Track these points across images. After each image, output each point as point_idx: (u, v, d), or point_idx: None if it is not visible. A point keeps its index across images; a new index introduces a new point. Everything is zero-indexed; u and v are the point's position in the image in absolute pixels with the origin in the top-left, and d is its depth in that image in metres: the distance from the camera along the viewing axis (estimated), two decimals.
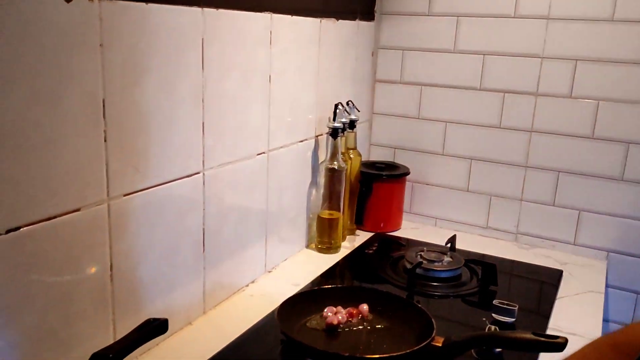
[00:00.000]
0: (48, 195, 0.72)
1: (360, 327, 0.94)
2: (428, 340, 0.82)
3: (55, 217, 0.74)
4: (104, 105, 0.78)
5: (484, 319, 1.06)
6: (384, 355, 0.78)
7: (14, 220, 0.68)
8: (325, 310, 0.95)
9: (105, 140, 0.79)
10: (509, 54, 1.44)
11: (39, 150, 0.70)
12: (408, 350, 0.80)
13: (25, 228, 0.70)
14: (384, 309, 0.97)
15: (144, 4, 0.82)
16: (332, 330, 0.92)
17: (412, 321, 0.92)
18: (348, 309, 0.95)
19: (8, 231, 0.68)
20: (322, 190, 1.36)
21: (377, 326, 0.94)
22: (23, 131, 0.67)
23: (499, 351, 0.94)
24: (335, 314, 0.93)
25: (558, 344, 0.76)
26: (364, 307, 0.96)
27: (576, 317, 1.12)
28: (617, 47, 1.33)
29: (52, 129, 0.71)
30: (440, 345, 0.82)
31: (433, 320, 0.87)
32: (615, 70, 1.34)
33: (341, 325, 0.93)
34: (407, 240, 1.47)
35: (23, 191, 0.69)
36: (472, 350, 0.90)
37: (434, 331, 0.84)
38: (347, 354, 0.80)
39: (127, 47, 0.80)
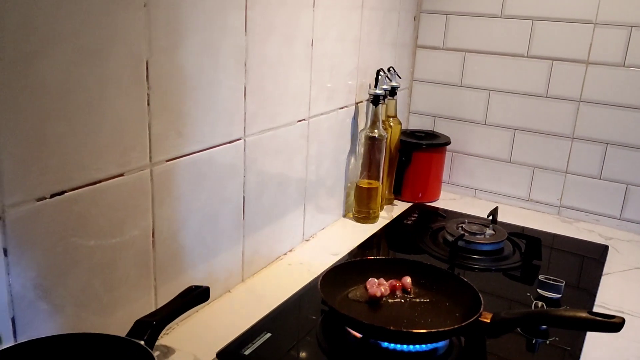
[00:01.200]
0: (92, 159, 0.71)
1: (403, 300, 0.92)
2: (476, 316, 0.79)
3: (99, 181, 0.72)
4: (147, 67, 0.75)
5: (528, 294, 1.04)
6: (432, 330, 0.76)
7: (58, 184, 0.67)
8: (368, 281, 0.93)
9: (148, 104, 0.77)
10: (559, 19, 1.37)
11: (84, 111, 0.68)
12: (456, 326, 0.77)
13: (69, 192, 0.69)
14: (428, 282, 0.94)
15: None
16: (374, 302, 0.90)
17: (457, 295, 0.89)
18: (391, 281, 0.93)
19: (53, 195, 0.67)
20: (361, 159, 1.33)
21: (420, 299, 0.92)
22: (68, 91, 0.66)
23: (544, 327, 0.91)
24: (378, 286, 0.91)
25: (615, 324, 0.73)
26: (407, 279, 0.93)
27: (624, 294, 1.09)
28: None
29: (97, 90, 0.69)
30: (488, 321, 0.80)
31: (480, 295, 0.85)
32: None
33: (384, 298, 0.91)
34: (447, 211, 1.43)
35: (67, 154, 0.67)
36: None
37: (482, 306, 0.82)
38: (392, 328, 0.78)
39: (171, 7, 0.77)
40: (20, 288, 0.65)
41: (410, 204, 1.47)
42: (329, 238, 1.26)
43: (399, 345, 0.80)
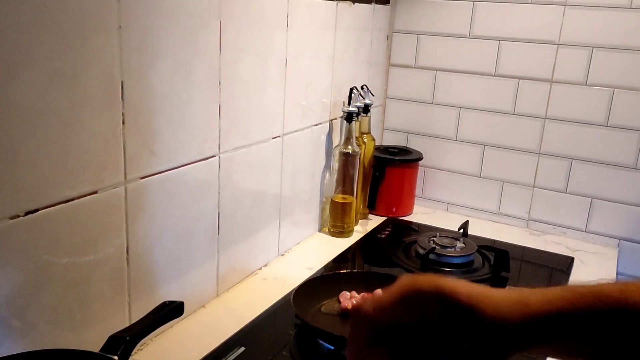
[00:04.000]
0: (66, 177, 0.72)
1: None
2: None
3: (72, 199, 0.74)
4: (122, 87, 0.77)
5: None
6: None
7: (32, 202, 0.68)
8: (341, 295, 0.95)
9: (123, 123, 0.79)
10: (524, 40, 1.42)
11: (58, 132, 0.70)
12: None
13: (43, 210, 0.70)
14: None
15: None
16: (347, 315, 0.92)
17: None
18: (363, 294, 0.95)
19: (27, 213, 0.68)
20: (335, 175, 1.35)
21: None
22: (42, 113, 0.67)
23: None
24: (350, 299, 0.93)
25: None
26: (379, 292, 0.96)
27: None
28: (634, 35, 1.31)
29: (71, 111, 0.71)
30: None
31: None
32: (631, 58, 1.32)
33: None
34: (419, 225, 1.46)
35: (42, 174, 0.69)
36: None
37: None
38: None
39: (144, 29, 0.79)
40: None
41: (384, 218, 1.50)
42: (304, 253, 1.28)
43: None
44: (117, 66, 0.76)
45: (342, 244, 1.32)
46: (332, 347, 0.84)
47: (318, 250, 1.29)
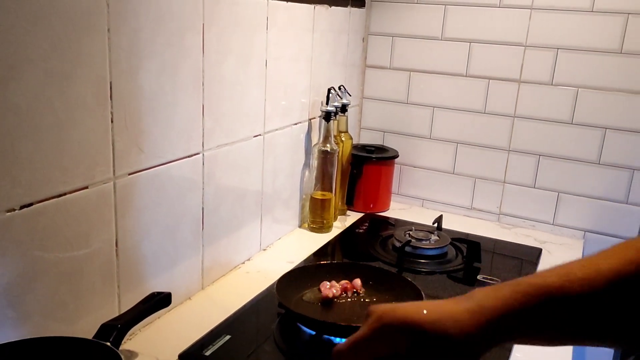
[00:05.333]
0: (59, 173, 0.76)
1: (354, 300, 0.99)
2: None
3: (65, 194, 0.77)
4: (111, 88, 0.81)
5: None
6: None
7: (27, 196, 0.72)
8: (321, 284, 1.00)
9: (112, 121, 0.82)
10: (493, 42, 1.49)
11: (52, 130, 0.73)
12: None
13: (37, 204, 0.73)
14: (376, 283, 1.02)
15: None
16: (327, 302, 0.97)
17: (402, 294, 0.97)
18: (342, 282, 1.00)
19: (22, 207, 0.71)
20: (314, 172, 1.40)
21: (369, 299, 0.99)
22: (38, 112, 0.71)
23: None
24: (330, 288, 0.98)
25: None
26: (357, 281, 1.01)
27: None
28: (596, 37, 1.38)
29: (64, 110, 0.74)
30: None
31: (422, 292, 0.93)
32: (593, 59, 1.40)
33: (336, 299, 0.98)
34: (396, 220, 1.52)
35: (36, 169, 0.72)
36: None
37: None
38: (342, 324, 0.85)
39: (132, 31, 0.83)
40: None
41: (362, 214, 1.55)
42: (285, 247, 1.33)
43: None
44: (107, 67, 0.80)
45: (321, 239, 1.37)
46: (314, 332, 0.89)
47: (299, 245, 1.34)
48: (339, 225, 1.47)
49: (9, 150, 0.68)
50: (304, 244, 1.34)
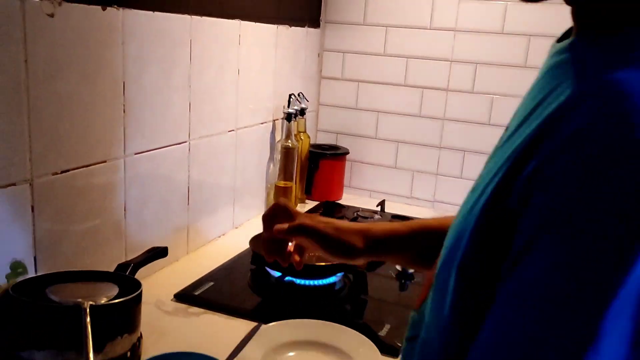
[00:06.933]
0: (86, 148, 1.00)
1: (311, 254, 1.26)
2: None
3: (90, 165, 1.02)
4: (124, 86, 1.07)
5: None
6: (328, 264, 1.11)
7: (65, 164, 0.96)
8: None
9: (124, 112, 1.08)
10: (426, 57, 1.80)
11: (82, 115, 0.98)
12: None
13: (73, 171, 0.98)
14: None
15: (151, 12, 1.11)
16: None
17: None
18: None
19: (62, 172, 0.96)
20: (278, 165, 1.67)
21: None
22: (74, 102, 0.96)
23: (411, 271, 1.29)
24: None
25: None
26: None
27: None
28: (506, 54, 1.71)
29: (91, 102, 1.00)
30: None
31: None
32: (505, 72, 1.72)
33: None
34: (347, 206, 1.80)
35: (71, 144, 0.97)
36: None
37: None
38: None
39: (139, 44, 1.09)
40: (40, 236, 0.93)
41: (318, 202, 1.82)
42: (254, 225, 1.58)
43: (308, 281, 1.14)
44: (121, 71, 1.05)
45: None
46: (279, 274, 1.15)
47: None
48: (299, 210, 1.74)
49: (55, 128, 0.93)
50: None
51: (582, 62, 0.43)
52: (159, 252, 1.13)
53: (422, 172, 1.88)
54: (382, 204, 1.69)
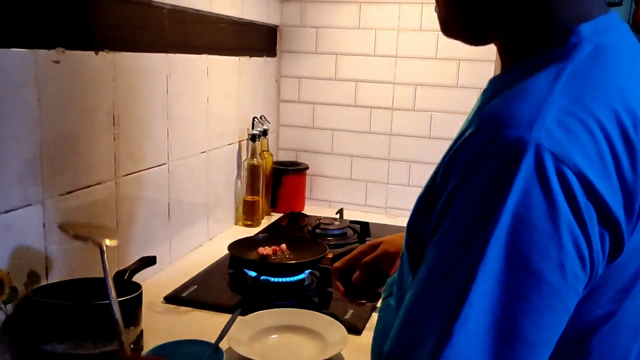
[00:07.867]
0: (87, 172, 1.16)
1: (282, 257, 1.44)
2: (324, 254, 1.35)
3: (89, 186, 1.18)
4: (113, 117, 1.23)
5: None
6: (298, 262, 1.30)
7: (70, 186, 1.12)
8: (258, 248, 1.44)
9: (114, 139, 1.24)
10: (372, 81, 2.03)
11: (83, 144, 1.14)
12: (310, 260, 1.32)
13: (75, 191, 1.14)
14: (296, 247, 1.48)
15: (135, 53, 1.29)
16: (263, 258, 1.42)
17: (315, 252, 1.44)
18: (273, 247, 1.46)
19: (67, 193, 1.11)
20: (245, 181, 1.85)
21: (292, 256, 1.45)
22: (78, 132, 1.12)
23: None
24: (264, 249, 1.43)
25: None
26: (283, 245, 1.47)
27: None
28: (441, 76, 1.96)
29: (90, 132, 1.16)
30: (331, 256, 1.35)
31: (327, 246, 1.41)
32: (440, 91, 1.97)
33: (269, 256, 1.43)
34: (310, 215, 1.99)
35: (78, 168, 1.13)
36: None
37: (327, 250, 1.37)
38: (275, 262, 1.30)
39: (128, 79, 1.26)
40: (51, 248, 1.08)
41: (283, 214, 2.01)
42: (226, 237, 1.75)
43: (280, 279, 1.33)
44: (112, 105, 1.22)
45: (253, 231, 1.81)
46: (255, 274, 1.33)
47: (236, 236, 1.76)
48: (266, 221, 1.92)
49: (61, 156, 1.09)
50: (240, 235, 1.77)
51: (485, 92, 0.64)
52: (149, 261, 1.29)
53: (374, 182, 2.10)
54: (340, 212, 1.89)
